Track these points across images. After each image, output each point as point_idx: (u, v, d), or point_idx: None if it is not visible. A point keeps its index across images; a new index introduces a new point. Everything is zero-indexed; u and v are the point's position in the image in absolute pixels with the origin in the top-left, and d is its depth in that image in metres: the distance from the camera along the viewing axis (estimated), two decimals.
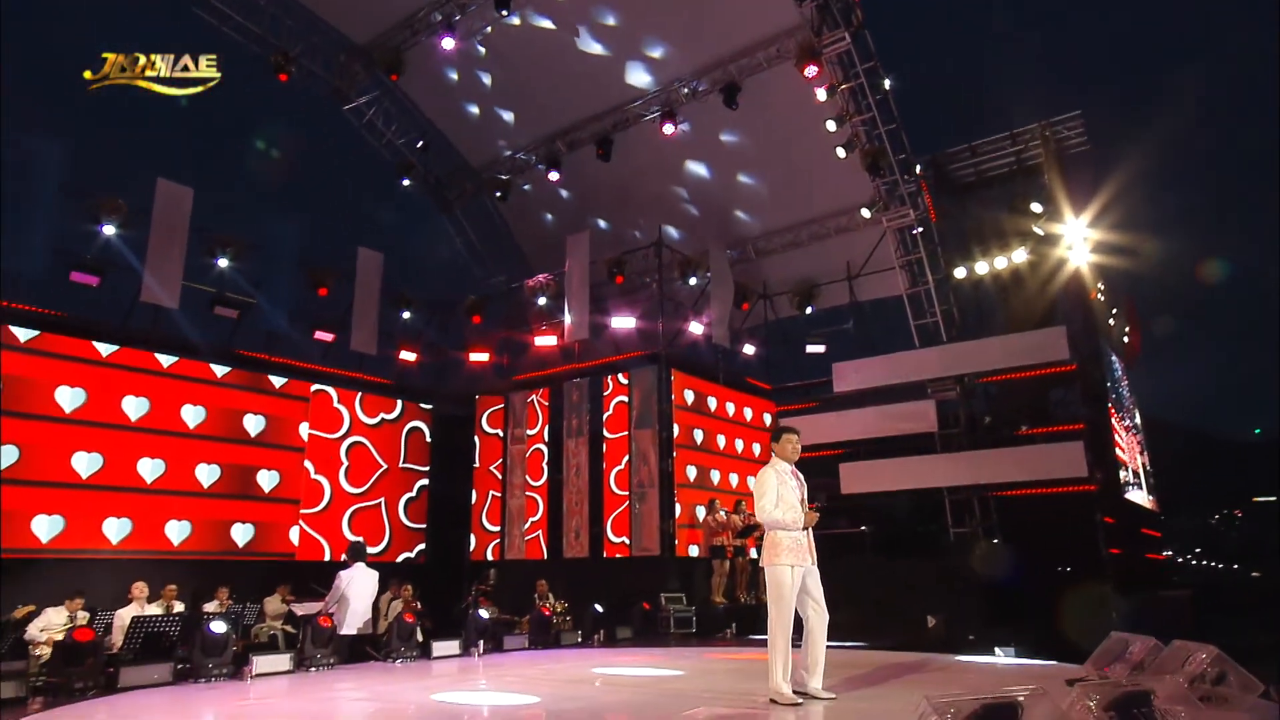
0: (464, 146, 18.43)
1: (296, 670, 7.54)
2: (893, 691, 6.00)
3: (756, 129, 15.52)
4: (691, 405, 14.22)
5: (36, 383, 11.01)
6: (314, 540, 13.70)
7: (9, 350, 10.74)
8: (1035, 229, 13.49)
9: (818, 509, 5.94)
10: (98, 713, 5.82)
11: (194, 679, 6.94)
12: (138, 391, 11.94)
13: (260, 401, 13.30)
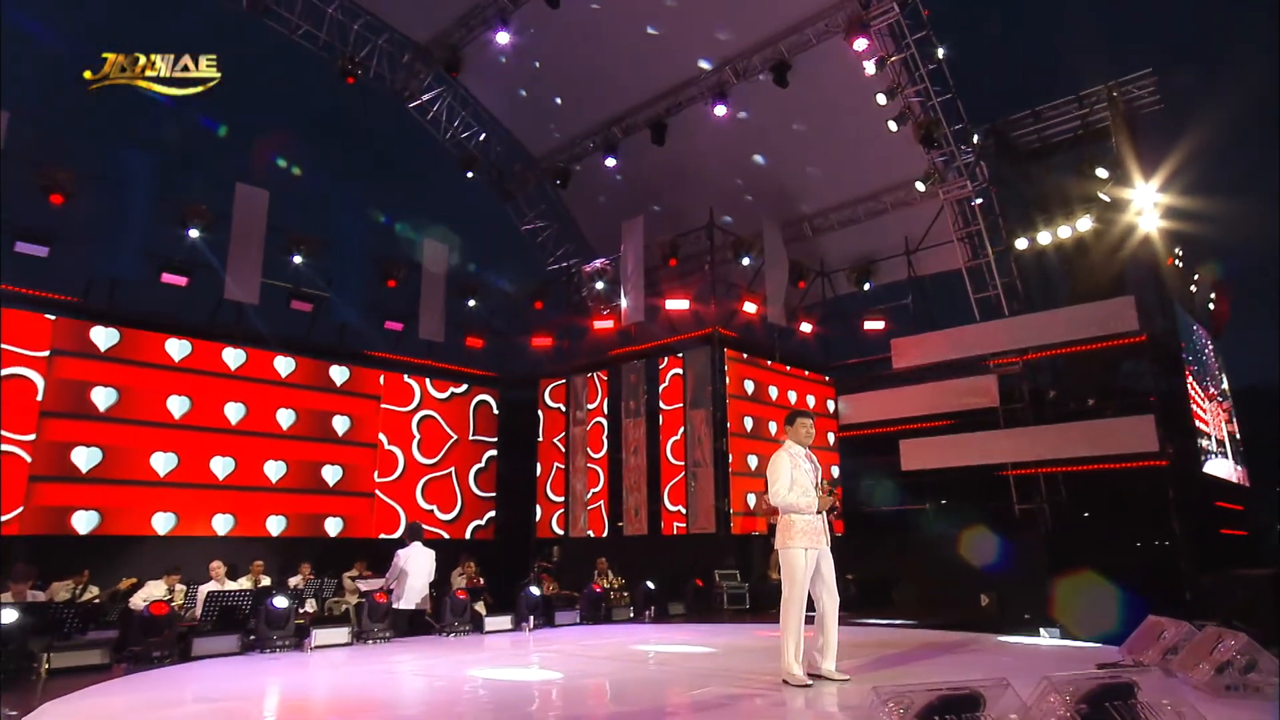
0: (524, 136, 18.61)
1: (354, 643, 7.92)
2: (913, 673, 5.85)
3: (809, 106, 15.10)
4: (745, 384, 14.08)
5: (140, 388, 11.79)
6: (390, 508, 14.28)
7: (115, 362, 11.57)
8: (1102, 195, 12.73)
9: (831, 492, 5.79)
10: (169, 678, 6.27)
11: (259, 649, 7.38)
12: (236, 394, 12.69)
13: (338, 398, 13.89)
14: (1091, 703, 3.25)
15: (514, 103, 18.04)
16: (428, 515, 14.78)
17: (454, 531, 15.13)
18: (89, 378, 11.40)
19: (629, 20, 15.21)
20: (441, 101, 17.61)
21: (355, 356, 14.36)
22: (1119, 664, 5.92)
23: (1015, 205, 14.40)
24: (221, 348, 12.68)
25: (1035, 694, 3.28)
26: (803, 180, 16.38)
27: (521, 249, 19.25)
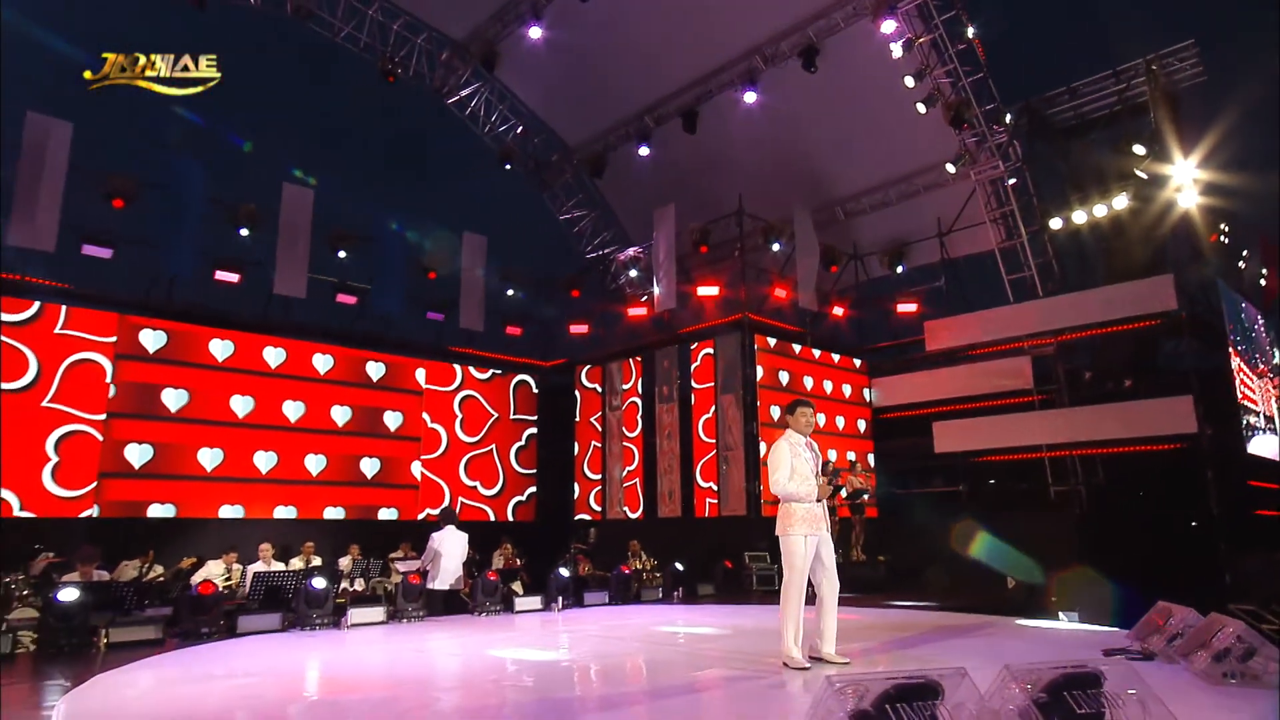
0: (560, 128, 18.75)
1: (389, 621, 8.25)
2: (912, 657, 5.91)
3: (840, 90, 14.88)
4: (775, 369, 14.05)
5: (199, 380, 12.35)
6: (434, 484, 14.69)
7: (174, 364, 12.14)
8: (1139, 172, 12.31)
9: (830, 481, 5.84)
10: (213, 653, 6.65)
11: (299, 627, 7.75)
12: (289, 387, 13.18)
13: (382, 389, 14.30)
14: (1052, 692, 3.27)
15: (549, 95, 18.19)
16: (471, 491, 15.22)
17: (496, 506, 15.54)
18: (153, 372, 11.96)
19: (658, 10, 15.18)
20: (479, 96, 17.86)
21: (398, 346, 14.76)
22: (1126, 650, 5.86)
23: (1050, 184, 14.02)
24: (272, 340, 13.16)
25: (995, 683, 3.32)
26: (834, 164, 16.18)
27: (559, 238, 19.45)
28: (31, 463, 10.73)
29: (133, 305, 12.15)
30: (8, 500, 10.50)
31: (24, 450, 10.69)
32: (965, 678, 3.19)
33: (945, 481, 14.64)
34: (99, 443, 11.25)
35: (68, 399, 11.10)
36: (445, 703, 4.82)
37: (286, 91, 14.43)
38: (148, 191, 12.37)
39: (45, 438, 10.86)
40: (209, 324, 12.67)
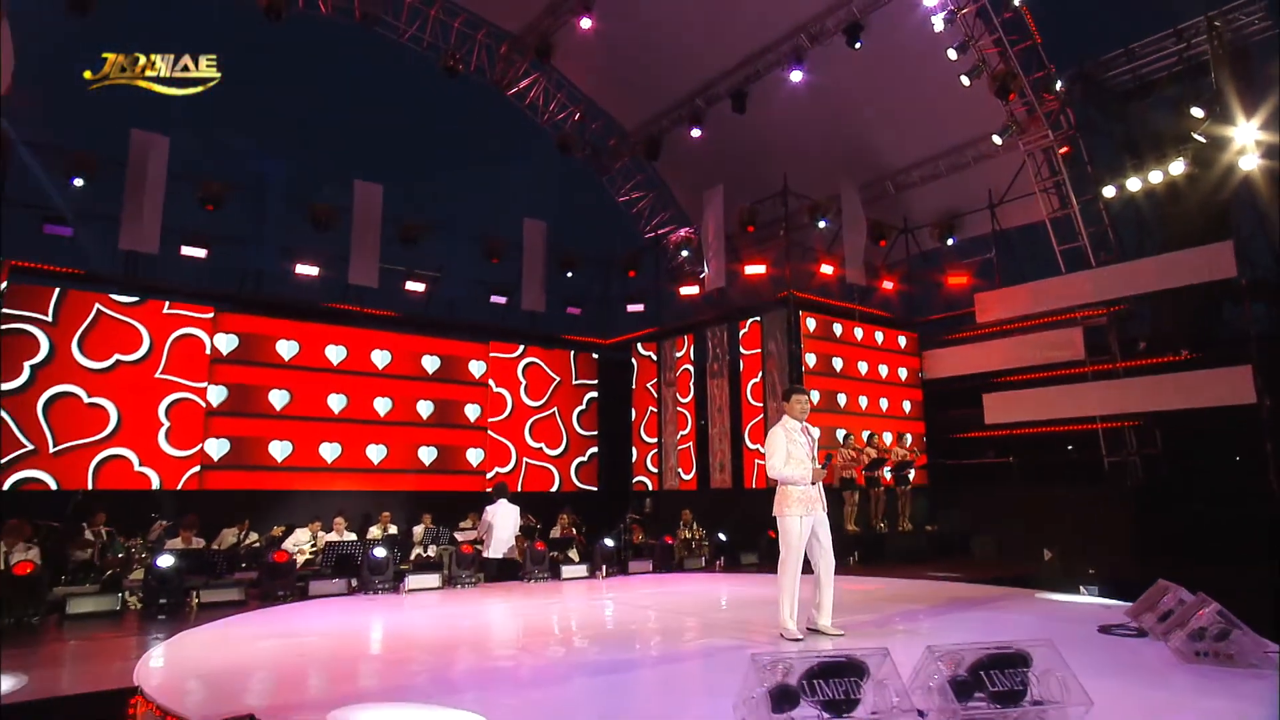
0: (615, 112, 18.93)
1: (445, 587, 8.87)
2: (909, 630, 6.04)
3: (885, 64, 14.49)
4: (821, 344, 14.02)
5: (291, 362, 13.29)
6: (501, 445, 15.37)
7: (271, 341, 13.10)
8: (1197, 136, 11.65)
9: (825, 464, 6.00)
10: (284, 613, 7.38)
11: (363, 592, 8.44)
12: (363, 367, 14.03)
13: (453, 369, 15.03)
14: (973, 672, 3.44)
15: (604, 81, 18.37)
16: (536, 452, 15.86)
17: (560, 466, 16.14)
18: (251, 355, 12.95)
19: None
20: (537, 86, 18.18)
21: (465, 329, 15.42)
22: (1124, 626, 5.84)
23: (1105, 151, 13.37)
24: (345, 329, 13.97)
25: (919, 662, 3.51)
26: (883, 138, 15.83)
27: (619, 219, 19.72)
28: (148, 426, 11.85)
29: (226, 299, 13.14)
30: (128, 458, 11.66)
31: (141, 415, 11.82)
32: (887, 658, 3.39)
33: (996, 453, 14.37)
34: (202, 408, 12.31)
35: (175, 370, 12.16)
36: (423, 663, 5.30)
37: (355, 93, 15.09)
38: (234, 193, 13.31)
39: (158, 404, 11.98)
40: (291, 315, 13.56)
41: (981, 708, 3.37)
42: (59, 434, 11.20)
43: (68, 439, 11.25)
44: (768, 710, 3.19)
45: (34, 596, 6.93)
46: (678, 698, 4.36)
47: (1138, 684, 4.29)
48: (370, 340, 14.15)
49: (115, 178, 12.08)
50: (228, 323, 12.79)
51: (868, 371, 14.64)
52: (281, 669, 5.12)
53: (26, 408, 11.04)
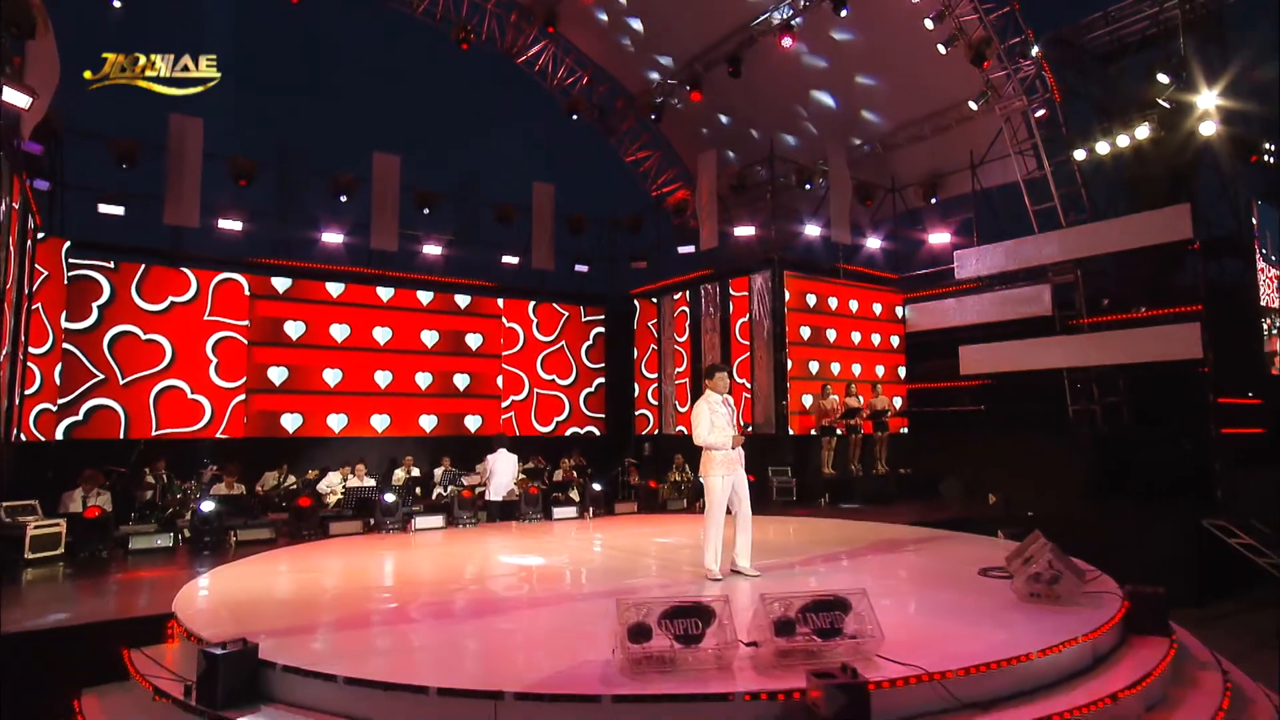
0: (620, 76, 19.14)
1: (448, 527, 9.89)
2: (815, 573, 6.81)
3: (872, 30, 14.56)
4: (805, 302, 14.50)
5: (315, 320, 14.24)
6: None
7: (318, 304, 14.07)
8: (1162, 101, 11.69)
9: (744, 431, 6.70)
10: (306, 550, 8.43)
11: (376, 531, 9.49)
12: (382, 320, 14.94)
13: (467, 319, 15.84)
14: (801, 613, 4.21)
15: (610, 47, 18.52)
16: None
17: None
18: (280, 314, 13.92)
19: None
20: (546, 53, 18.45)
21: (480, 288, 16.20)
22: (1001, 569, 6.51)
23: (1081, 115, 13.39)
24: (373, 288, 14.87)
25: (756, 606, 4.29)
26: (871, 101, 15.91)
27: (627, 179, 20.13)
28: (197, 360, 13.00)
29: (262, 268, 14.07)
30: (181, 387, 12.82)
31: (191, 350, 12.97)
32: (728, 604, 4.18)
33: (970, 401, 14.88)
34: (244, 345, 13.39)
35: (219, 311, 13.25)
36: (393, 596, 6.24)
37: (371, 67, 15.64)
38: (262, 169, 14.10)
39: (205, 340, 13.11)
40: (322, 277, 14.48)
41: (801, 641, 4.15)
42: (124, 367, 12.41)
43: (132, 371, 12.47)
44: (628, 641, 4.02)
45: (103, 535, 8.08)
46: (587, 630, 4.93)
47: (966, 621, 5.03)
48: (397, 299, 15.04)
49: (152, 159, 12.93)
50: (263, 287, 13.76)
51: (851, 325, 15.13)
52: (285, 600, 6.11)
53: (95, 345, 12.23)
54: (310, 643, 4.70)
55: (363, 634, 4.96)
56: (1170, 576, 9.64)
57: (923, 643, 4.35)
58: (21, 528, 7.30)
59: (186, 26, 12.23)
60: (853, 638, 4.19)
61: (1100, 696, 4.03)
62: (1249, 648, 8.00)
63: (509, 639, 4.94)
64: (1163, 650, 4.88)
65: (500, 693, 3.63)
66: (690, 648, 4.06)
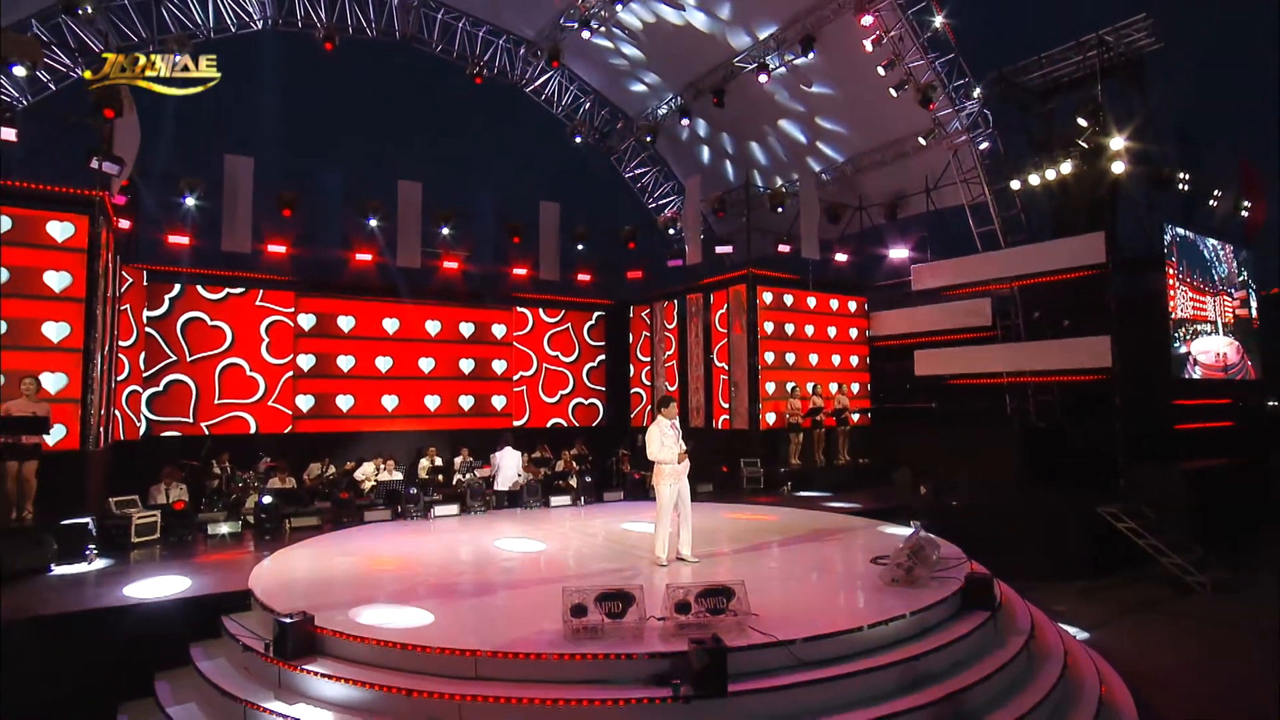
0: (619, 102, 20.32)
1: (461, 514, 11.40)
2: (741, 558, 8.21)
3: (839, 69, 15.66)
4: (778, 310, 15.74)
5: (353, 333, 15.76)
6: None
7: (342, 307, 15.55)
8: (1080, 142, 12.75)
9: (686, 451, 8.04)
10: (346, 535, 9.96)
11: (402, 518, 11.02)
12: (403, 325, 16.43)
13: (484, 332, 17.27)
14: (697, 598, 5.64)
15: (609, 76, 19.70)
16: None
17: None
18: (323, 328, 15.45)
19: (684, 9, 16.26)
20: (552, 82, 19.68)
21: (492, 297, 17.58)
22: (887, 557, 7.84)
23: (1019, 147, 14.45)
24: (397, 304, 16.31)
25: (664, 594, 5.72)
26: (841, 128, 17.01)
27: (626, 194, 21.34)
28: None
29: (306, 285, 15.56)
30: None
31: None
32: (643, 591, 5.62)
33: (924, 399, 16.12)
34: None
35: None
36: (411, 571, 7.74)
37: (398, 102, 16.89)
38: (303, 198, 15.52)
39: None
40: (356, 293, 15.95)
41: (696, 618, 5.59)
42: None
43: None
44: (570, 617, 5.48)
45: (186, 522, 9.70)
46: (548, 607, 6.00)
47: (833, 601, 6.43)
48: (418, 310, 16.51)
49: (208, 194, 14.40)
50: (306, 304, 15.27)
51: (819, 333, 16.39)
52: (332, 578, 7.65)
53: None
54: (349, 611, 6.21)
55: (387, 606, 6.46)
56: (1069, 555, 11.11)
57: (791, 618, 5.74)
58: (128, 518, 8.90)
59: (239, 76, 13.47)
60: (734, 614, 5.63)
61: (904, 658, 5.42)
62: (1112, 615, 9.36)
63: (493, 612, 6.42)
64: (979, 622, 6.24)
65: (479, 651, 5.12)
66: (615, 621, 5.52)
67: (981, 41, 14.01)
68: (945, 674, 5.49)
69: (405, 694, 4.95)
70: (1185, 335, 14.20)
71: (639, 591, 5.61)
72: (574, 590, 5.57)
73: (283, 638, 5.52)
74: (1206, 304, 14.51)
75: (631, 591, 5.61)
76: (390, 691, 5.00)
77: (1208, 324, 14.62)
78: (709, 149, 19.46)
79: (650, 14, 16.67)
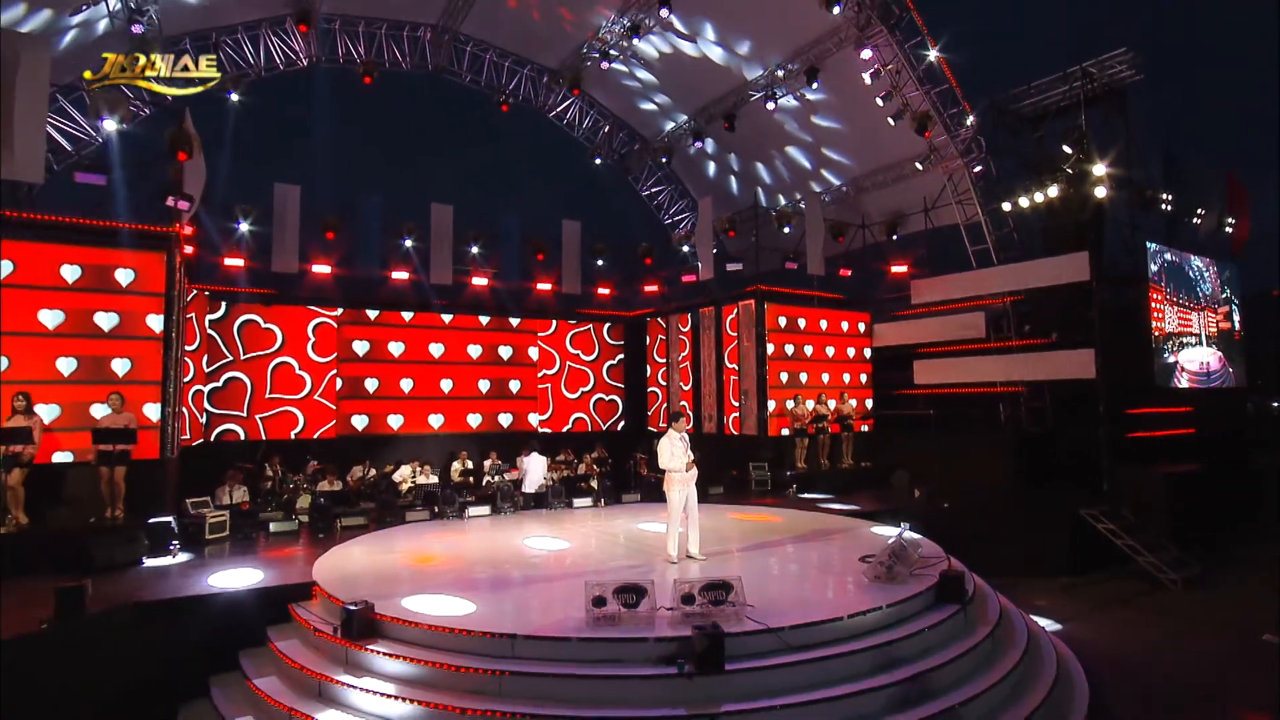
0: (636, 125, 21.11)
1: (492, 514, 12.24)
2: (741, 557, 8.94)
3: (844, 97, 16.33)
4: (784, 325, 16.45)
5: (386, 342, 16.68)
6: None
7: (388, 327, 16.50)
8: (1066, 168, 13.33)
9: (694, 461, 8.77)
10: (392, 533, 10.82)
11: (439, 518, 11.87)
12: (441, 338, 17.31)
13: (511, 336, 18.14)
14: (700, 591, 6.41)
15: (627, 101, 20.50)
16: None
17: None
18: (362, 335, 16.37)
19: (696, 41, 17.02)
20: (574, 108, 20.51)
21: (518, 310, 18.42)
22: (874, 556, 8.52)
23: (1011, 170, 15.04)
24: (434, 317, 17.24)
25: (671, 587, 6.49)
26: (844, 156, 17.68)
27: (644, 211, 22.13)
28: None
29: (346, 301, 16.51)
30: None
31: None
32: (654, 584, 6.41)
33: (923, 406, 16.72)
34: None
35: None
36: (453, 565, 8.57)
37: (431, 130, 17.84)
38: (345, 222, 16.49)
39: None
40: (394, 307, 16.88)
41: (699, 608, 6.36)
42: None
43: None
44: (591, 607, 6.28)
45: (251, 520, 10.63)
46: (572, 597, 6.72)
47: (822, 594, 7.17)
48: (454, 335, 17.37)
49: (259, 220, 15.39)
50: (350, 318, 16.22)
51: (824, 344, 17.05)
52: (384, 570, 8.51)
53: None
54: (401, 600, 7.04)
55: (433, 595, 7.29)
56: (1052, 554, 11.72)
57: (782, 608, 6.49)
58: (203, 517, 9.84)
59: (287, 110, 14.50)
60: (732, 605, 6.40)
61: (878, 644, 6.16)
62: (1087, 609, 10.00)
63: (525, 602, 7.25)
64: (949, 613, 6.95)
65: (515, 635, 5.94)
66: (630, 610, 6.30)
67: (975, 71, 14.62)
68: (915, 657, 6.21)
69: (454, 670, 5.78)
70: (1173, 347, 14.76)
71: (651, 585, 6.39)
72: (595, 584, 6.36)
73: (349, 622, 6.37)
74: (1192, 319, 15.04)
75: (644, 585, 6.39)
76: (441, 668, 5.82)
77: (1193, 336, 15.15)
78: (720, 167, 20.20)
79: (667, 45, 17.43)
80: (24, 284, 9.54)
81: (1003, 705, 6.11)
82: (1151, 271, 13.77)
